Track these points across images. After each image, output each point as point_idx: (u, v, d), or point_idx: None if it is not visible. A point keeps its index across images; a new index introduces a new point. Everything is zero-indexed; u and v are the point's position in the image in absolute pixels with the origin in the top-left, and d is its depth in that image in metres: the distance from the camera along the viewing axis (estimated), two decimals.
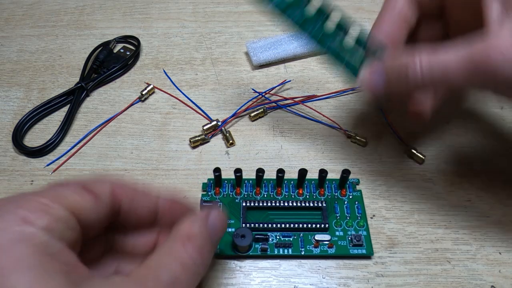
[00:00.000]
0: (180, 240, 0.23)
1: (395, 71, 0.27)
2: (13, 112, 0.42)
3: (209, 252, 0.24)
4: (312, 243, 0.32)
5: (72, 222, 0.21)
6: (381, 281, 0.31)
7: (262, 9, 0.29)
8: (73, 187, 0.23)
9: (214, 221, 0.25)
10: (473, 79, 0.24)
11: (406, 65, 0.26)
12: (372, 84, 0.29)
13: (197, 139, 0.39)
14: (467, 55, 0.24)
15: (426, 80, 0.26)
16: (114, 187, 0.24)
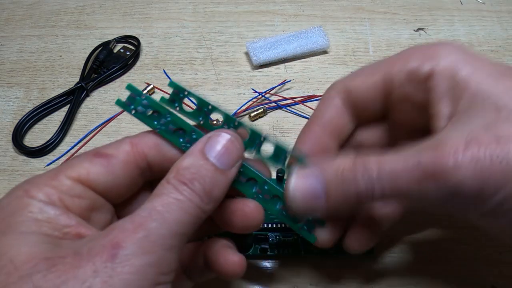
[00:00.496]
0: (173, 181, 0.21)
1: (334, 172, 0.23)
2: (13, 112, 0.42)
3: (213, 189, 0.22)
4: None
5: (77, 190, 0.22)
6: (381, 281, 0.31)
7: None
8: (84, 156, 0.23)
9: (213, 148, 0.22)
10: (425, 189, 0.21)
11: (346, 167, 0.23)
12: (308, 192, 0.24)
13: None
14: (417, 162, 0.21)
15: (376, 187, 0.22)
16: (134, 143, 0.24)
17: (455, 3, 0.51)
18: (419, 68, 0.25)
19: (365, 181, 0.22)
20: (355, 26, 0.49)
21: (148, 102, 0.24)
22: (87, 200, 0.22)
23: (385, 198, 0.23)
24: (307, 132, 0.28)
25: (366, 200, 0.23)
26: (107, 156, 0.23)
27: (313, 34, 0.46)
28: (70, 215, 0.21)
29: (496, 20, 0.49)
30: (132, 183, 0.24)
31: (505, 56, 0.46)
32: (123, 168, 0.23)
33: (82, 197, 0.22)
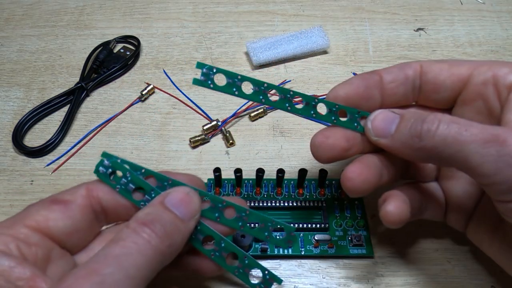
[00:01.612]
0: (132, 225, 0.22)
1: (411, 118, 0.26)
2: (13, 112, 0.42)
3: (173, 233, 0.22)
4: (312, 243, 0.32)
5: (34, 239, 0.22)
6: (381, 281, 0.31)
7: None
8: (41, 203, 0.23)
9: (172, 200, 0.23)
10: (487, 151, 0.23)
11: (424, 118, 0.25)
12: (381, 128, 0.27)
13: (197, 139, 0.39)
14: (490, 131, 0.23)
15: (438, 141, 0.24)
16: (89, 188, 0.25)
17: (455, 3, 0.51)
18: (505, 77, 0.26)
19: (434, 123, 0.24)
20: (355, 26, 0.49)
21: (111, 163, 0.25)
22: (44, 249, 0.22)
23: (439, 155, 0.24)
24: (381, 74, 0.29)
25: (424, 141, 0.24)
26: (65, 202, 0.23)
27: (313, 34, 0.46)
28: (26, 266, 0.21)
29: (496, 20, 0.49)
30: (89, 228, 0.24)
31: (505, 56, 0.46)
32: (80, 212, 0.24)
33: (40, 245, 0.22)
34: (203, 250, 0.25)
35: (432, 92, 0.29)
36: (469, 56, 0.46)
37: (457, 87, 0.28)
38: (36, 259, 0.22)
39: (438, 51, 0.46)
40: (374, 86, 0.28)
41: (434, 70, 0.28)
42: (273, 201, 0.34)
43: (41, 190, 0.37)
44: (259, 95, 0.26)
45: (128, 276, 0.20)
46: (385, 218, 0.27)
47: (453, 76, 0.28)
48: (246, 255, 0.25)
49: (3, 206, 0.36)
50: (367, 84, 0.28)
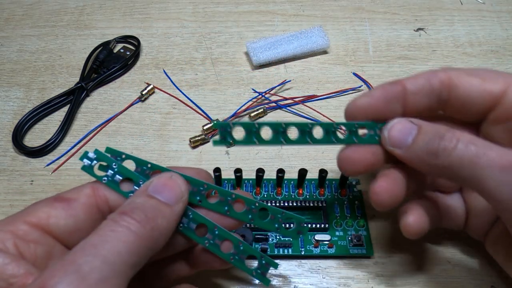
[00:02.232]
0: (112, 215, 0.22)
1: (429, 133, 0.25)
2: (13, 112, 0.42)
3: (157, 217, 0.22)
4: (312, 243, 0.32)
5: (33, 236, 0.22)
6: (381, 281, 0.31)
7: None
8: (45, 201, 0.23)
9: (155, 186, 0.23)
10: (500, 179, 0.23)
11: (443, 135, 0.24)
12: (397, 138, 0.26)
13: (197, 139, 0.39)
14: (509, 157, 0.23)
15: (454, 161, 0.24)
16: (95, 187, 0.24)
17: (455, 3, 0.51)
18: None
19: (452, 143, 0.24)
20: (355, 26, 0.49)
21: (96, 154, 0.25)
22: (44, 246, 0.22)
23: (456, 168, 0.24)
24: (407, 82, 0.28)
25: (440, 159, 0.24)
26: (68, 200, 0.23)
27: (313, 34, 0.46)
28: (20, 264, 0.20)
29: (496, 20, 0.49)
30: (93, 227, 0.24)
31: (505, 56, 0.46)
32: (84, 211, 0.23)
33: (39, 242, 0.22)
34: (197, 238, 0.25)
35: (460, 107, 0.27)
36: (469, 56, 0.46)
37: (489, 105, 0.26)
38: (35, 256, 0.22)
39: (438, 51, 0.46)
40: (396, 98, 0.27)
41: (464, 85, 0.26)
42: (273, 201, 0.34)
43: (41, 190, 0.37)
44: (279, 136, 0.26)
45: (107, 262, 0.19)
46: (405, 230, 0.27)
47: (485, 93, 0.26)
48: (240, 241, 0.25)
49: (3, 206, 0.36)
50: (389, 96, 0.27)
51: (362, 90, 0.43)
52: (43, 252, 0.22)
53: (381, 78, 0.44)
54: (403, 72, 0.44)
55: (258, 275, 0.26)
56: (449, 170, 0.24)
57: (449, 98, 0.27)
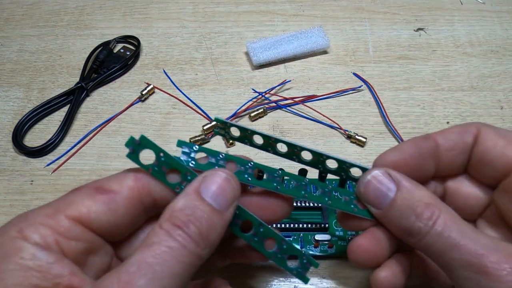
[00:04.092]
0: (165, 225, 0.20)
1: (405, 204, 0.23)
2: (13, 112, 0.42)
3: (210, 232, 0.20)
4: (312, 243, 0.32)
5: (75, 232, 0.21)
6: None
7: None
8: (85, 191, 0.22)
9: (209, 188, 0.21)
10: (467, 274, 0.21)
11: (420, 212, 0.22)
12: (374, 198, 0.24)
13: (197, 139, 0.39)
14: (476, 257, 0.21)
15: (426, 244, 0.22)
16: (138, 177, 0.22)
17: (455, 3, 0.51)
18: None
19: (427, 227, 0.22)
20: (355, 26, 0.49)
21: (142, 141, 0.23)
22: (85, 242, 0.21)
23: (429, 251, 0.23)
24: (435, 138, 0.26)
25: (413, 239, 0.23)
26: (110, 193, 0.22)
27: (313, 34, 0.46)
28: (65, 263, 0.20)
29: (496, 20, 0.49)
30: (135, 220, 0.23)
31: (505, 56, 0.46)
32: (126, 205, 0.22)
33: (80, 239, 0.21)
34: (242, 235, 0.24)
35: (478, 165, 0.25)
36: (469, 56, 0.46)
37: (504, 171, 0.24)
38: (76, 253, 0.21)
39: (438, 51, 0.46)
40: (428, 155, 0.25)
41: (488, 144, 0.25)
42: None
43: (41, 190, 0.37)
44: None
45: (163, 286, 0.18)
46: (372, 284, 0.25)
47: (505, 158, 0.24)
48: (284, 239, 0.24)
49: (3, 206, 0.36)
50: (421, 153, 0.25)
51: (362, 90, 0.43)
52: (83, 248, 0.21)
53: (381, 78, 0.44)
54: (403, 72, 0.44)
55: (299, 273, 0.25)
56: (423, 250, 0.23)
57: (471, 153, 0.25)
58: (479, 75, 0.44)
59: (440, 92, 0.43)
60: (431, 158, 0.25)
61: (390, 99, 0.42)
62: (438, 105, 0.42)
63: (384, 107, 0.41)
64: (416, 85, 0.43)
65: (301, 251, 0.25)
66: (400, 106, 0.42)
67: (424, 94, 0.43)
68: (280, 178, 0.25)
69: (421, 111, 0.41)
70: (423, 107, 0.42)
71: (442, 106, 0.42)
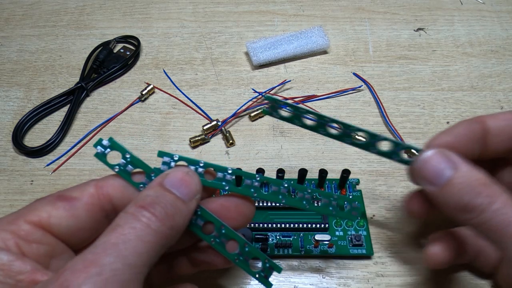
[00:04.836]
0: (130, 209, 0.21)
1: (465, 182, 0.24)
2: (13, 112, 0.42)
3: (175, 214, 0.22)
4: (312, 243, 0.32)
5: (35, 236, 0.22)
6: (381, 281, 0.31)
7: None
8: (47, 199, 0.23)
9: (172, 180, 0.23)
10: None
11: (479, 190, 0.23)
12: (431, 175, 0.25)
13: (197, 139, 0.39)
14: None
15: (483, 220, 0.23)
16: (99, 185, 0.24)
17: (455, 3, 0.51)
18: None
19: (484, 204, 0.23)
20: (355, 26, 0.49)
21: (110, 142, 0.24)
22: (46, 245, 0.22)
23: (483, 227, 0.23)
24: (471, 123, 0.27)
25: (469, 215, 0.24)
26: (71, 199, 0.23)
27: (313, 34, 0.46)
28: (26, 261, 0.20)
29: (496, 20, 0.49)
30: (96, 226, 0.24)
31: (505, 56, 0.46)
32: (86, 210, 0.23)
33: (41, 242, 0.22)
34: (203, 236, 0.25)
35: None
36: (469, 56, 0.46)
37: None
38: (37, 256, 0.21)
39: (438, 51, 0.46)
40: (477, 138, 0.26)
41: None
42: (273, 201, 0.34)
43: (41, 190, 0.37)
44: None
45: (128, 264, 0.19)
46: (426, 259, 0.27)
47: None
48: (246, 242, 0.25)
49: (3, 206, 0.36)
50: (470, 136, 0.26)
51: (362, 90, 0.43)
52: (45, 251, 0.22)
53: (381, 78, 0.44)
54: (403, 72, 0.44)
55: (261, 278, 0.26)
56: (476, 226, 0.24)
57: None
58: (479, 75, 0.44)
59: (440, 92, 0.43)
60: (480, 140, 0.26)
61: (390, 99, 0.42)
62: (438, 105, 0.42)
63: (384, 107, 0.41)
64: (416, 85, 0.43)
65: (264, 255, 0.25)
66: (400, 106, 0.42)
67: (424, 94, 0.43)
68: (259, 184, 0.25)
69: (421, 111, 0.41)
70: (423, 107, 0.42)
71: (442, 106, 0.42)
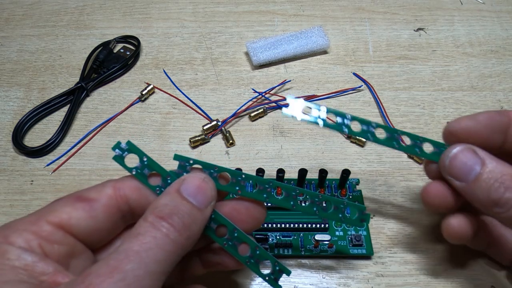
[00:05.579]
0: (150, 218, 0.22)
1: (493, 177, 0.24)
2: (13, 112, 0.42)
3: (192, 224, 0.22)
4: (312, 243, 0.32)
5: (56, 236, 0.22)
6: (381, 281, 0.31)
7: None
8: (66, 199, 0.23)
9: (189, 188, 0.23)
10: None
11: (508, 184, 0.24)
12: (459, 171, 0.25)
13: (197, 139, 0.39)
14: None
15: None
16: (117, 187, 0.24)
17: (455, 3, 0.51)
18: None
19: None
20: (355, 26, 0.49)
21: (128, 146, 0.25)
22: (66, 246, 0.22)
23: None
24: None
25: (500, 209, 0.24)
26: (90, 200, 0.23)
27: (313, 34, 0.46)
28: (48, 262, 0.21)
29: (496, 20, 0.49)
30: (113, 227, 0.24)
31: (505, 56, 0.46)
32: (105, 212, 0.23)
33: (62, 243, 0.22)
34: (216, 238, 0.25)
35: None
36: (469, 56, 0.46)
37: None
38: (58, 256, 0.22)
39: (438, 51, 0.46)
40: (500, 129, 0.26)
41: None
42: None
43: (41, 190, 0.37)
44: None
45: (149, 271, 0.20)
46: (445, 230, 0.27)
47: None
48: (257, 245, 0.25)
49: (3, 206, 0.36)
50: (494, 125, 0.26)
51: (362, 90, 0.43)
52: (65, 251, 0.22)
53: (381, 78, 0.44)
54: (403, 72, 0.44)
55: (271, 280, 0.26)
56: (505, 220, 0.24)
57: None
58: (479, 75, 0.44)
59: (440, 92, 0.43)
60: (502, 132, 0.26)
61: (390, 99, 0.42)
62: (438, 105, 0.42)
63: (384, 107, 0.41)
64: (416, 85, 0.43)
65: (274, 258, 0.26)
66: (400, 106, 0.42)
67: (424, 94, 0.43)
68: (270, 189, 0.26)
69: (421, 111, 0.41)
70: (423, 107, 0.42)
71: (442, 106, 0.42)
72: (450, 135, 0.27)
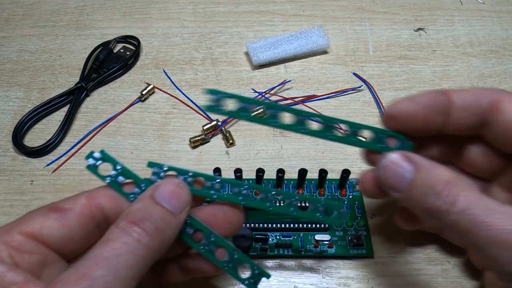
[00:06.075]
0: (122, 224, 0.21)
1: (424, 184, 0.23)
2: (13, 112, 0.42)
3: (165, 228, 0.22)
4: (312, 243, 0.32)
5: (28, 246, 0.22)
6: (381, 281, 0.31)
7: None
8: (40, 210, 0.23)
9: (163, 193, 0.23)
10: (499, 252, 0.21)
11: (439, 190, 0.22)
12: (392, 181, 0.24)
13: (197, 139, 0.39)
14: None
15: (450, 223, 0.22)
16: (91, 196, 0.24)
17: (455, 3, 0.51)
18: None
19: (448, 203, 0.22)
20: (355, 26, 0.49)
21: (101, 155, 0.25)
22: (38, 255, 0.22)
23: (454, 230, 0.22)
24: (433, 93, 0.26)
25: (437, 219, 0.23)
26: (63, 210, 0.23)
27: (313, 34, 0.46)
28: (18, 272, 0.21)
29: (496, 20, 0.49)
30: (88, 236, 0.24)
31: (505, 56, 0.46)
32: (78, 221, 0.23)
33: (33, 252, 0.22)
34: (192, 244, 0.25)
35: (500, 135, 0.25)
36: (469, 56, 0.46)
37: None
38: (30, 266, 0.22)
39: (438, 51, 0.46)
40: (440, 110, 0.25)
41: (510, 114, 0.24)
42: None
43: (41, 190, 0.37)
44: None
45: (119, 277, 0.20)
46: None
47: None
48: (235, 249, 0.25)
49: (3, 206, 0.36)
50: (434, 106, 0.25)
51: (362, 90, 0.43)
52: (37, 261, 0.22)
53: (381, 78, 0.44)
54: (403, 72, 0.44)
55: (250, 284, 0.26)
56: (447, 230, 0.23)
57: (492, 122, 0.25)
58: (479, 75, 0.44)
59: None
60: (443, 114, 0.25)
61: (390, 99, 0.42)
62: None
63: (384, 107, 0.41)
64: (416, 85, 0.43)
65: (252, 262, 0.26)
66: None
67: None
68: (246, 191, 0.26)
69: None
70: None
71: None
72: (390, 119, 0.26)
